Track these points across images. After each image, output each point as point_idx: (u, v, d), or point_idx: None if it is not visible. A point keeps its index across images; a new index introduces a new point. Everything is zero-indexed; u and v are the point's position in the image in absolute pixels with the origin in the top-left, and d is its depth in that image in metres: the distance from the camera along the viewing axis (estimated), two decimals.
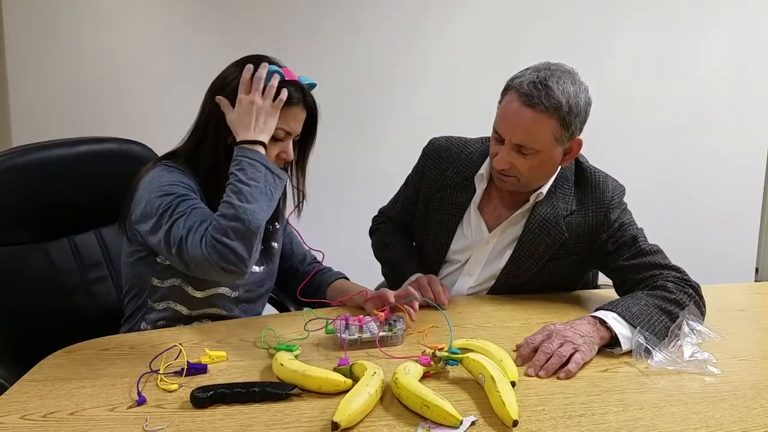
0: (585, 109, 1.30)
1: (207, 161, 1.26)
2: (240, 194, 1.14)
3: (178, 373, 1.01)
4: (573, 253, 1.42)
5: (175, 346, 1.08)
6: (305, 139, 1.36)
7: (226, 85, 1.25)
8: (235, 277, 1.15)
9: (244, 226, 1.11)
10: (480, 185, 1.45)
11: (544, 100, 1.23)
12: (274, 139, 1.26)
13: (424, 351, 1.07)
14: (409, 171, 1.62)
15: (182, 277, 1.27)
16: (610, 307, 1.19)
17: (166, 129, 1.31)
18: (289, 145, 1.29)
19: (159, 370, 1.02)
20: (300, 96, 1.26)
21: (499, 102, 1.33)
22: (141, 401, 0.94)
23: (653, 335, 1.12)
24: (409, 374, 0.96)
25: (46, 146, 1.42)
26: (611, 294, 1.42)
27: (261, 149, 1.19)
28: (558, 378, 1.03)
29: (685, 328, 1.09)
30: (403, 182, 1.64)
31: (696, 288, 1.27)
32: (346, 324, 1.16)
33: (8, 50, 2.53)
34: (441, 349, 1.05)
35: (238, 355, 1.11)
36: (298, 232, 1.50)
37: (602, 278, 1.60)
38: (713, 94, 2.87)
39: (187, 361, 1.03)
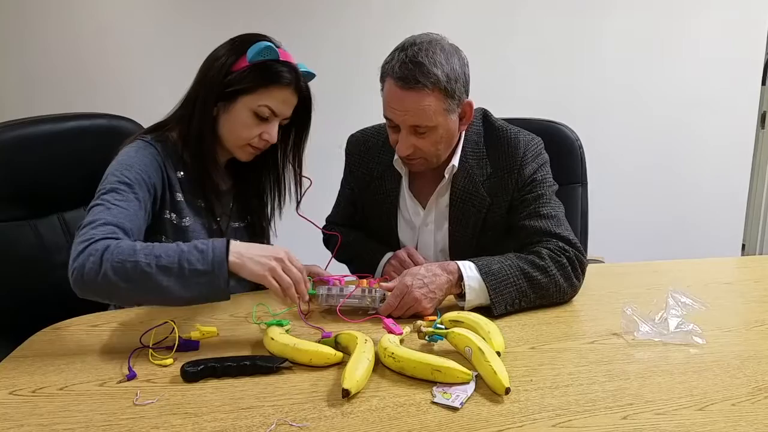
0: (463, 71, 1.26)
1: (193, 136, 1.22)
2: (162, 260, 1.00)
3: (170, 349, 1.01)
4: (503, 219, 1.39)
5: (167, 322, 1.07)
6: (300, 128, 1.32)
7: (216, 60, 1.21)
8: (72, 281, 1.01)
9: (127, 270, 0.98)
10: (402, 169, 1.43)
11: (420, 77, 1.19)
12: (259, 117, 1.21)
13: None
14: None
15: None
16: (475, 260, 1.21)
17: (156, 105, 1.28)
18: (274, 128, 1.24)
19: (150, 345, 1.02)
20: (292, 79, 1.21)
21: (381, 90, 1.29)
22: (131, 376, 0.94)
23: (499, 295, 1.16)
24: (400, 346, 0.97)
25: (35, 122, 1.40)
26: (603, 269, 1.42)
27: (224, 264, 1.01)
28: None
29: (671, 301, 1.10)
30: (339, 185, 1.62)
31: (573, 260, 1.24)
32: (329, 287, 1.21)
33: None
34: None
35: (229, 330, 1.11)
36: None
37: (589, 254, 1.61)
38: (703, 77, 2.89)
39: (179, 337, 1.03)
